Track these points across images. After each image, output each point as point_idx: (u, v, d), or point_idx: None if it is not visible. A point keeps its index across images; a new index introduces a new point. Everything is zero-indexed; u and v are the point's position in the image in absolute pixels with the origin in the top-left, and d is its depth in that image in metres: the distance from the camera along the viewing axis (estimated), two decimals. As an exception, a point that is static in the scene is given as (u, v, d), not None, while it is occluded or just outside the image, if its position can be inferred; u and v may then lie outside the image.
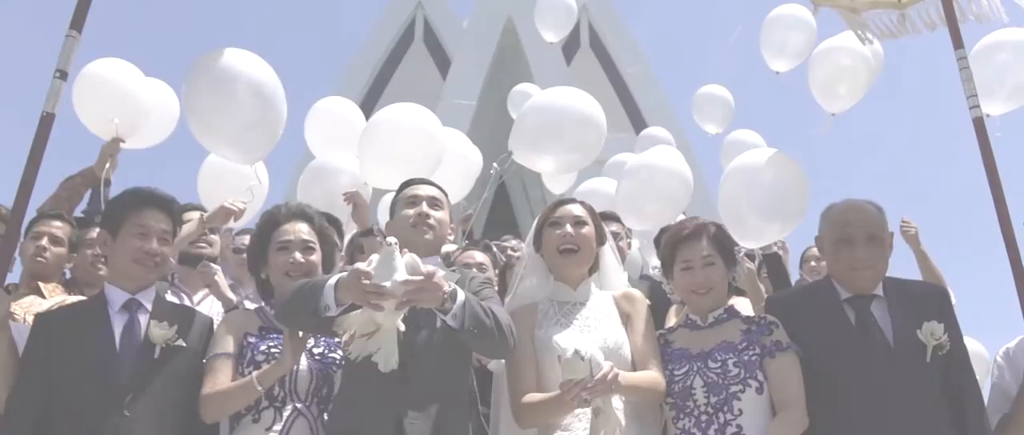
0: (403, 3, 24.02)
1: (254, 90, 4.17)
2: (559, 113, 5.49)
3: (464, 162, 5.84)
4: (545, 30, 9.95)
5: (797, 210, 4.39)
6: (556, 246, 3.08)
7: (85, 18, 3.27)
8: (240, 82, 4.13)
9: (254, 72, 4.20)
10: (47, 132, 3.09)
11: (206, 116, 4.17)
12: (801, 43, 6.62)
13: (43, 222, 3.91)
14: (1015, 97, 5.23)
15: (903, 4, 4.17)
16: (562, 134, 5.44)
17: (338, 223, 4.45)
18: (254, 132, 4.24)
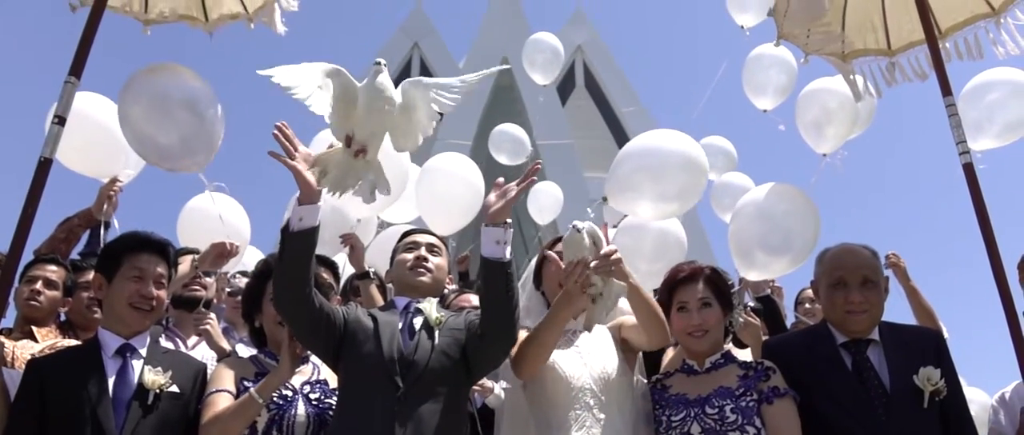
0: (399, 43, 24.26)
1: (186, 103, 4.04)
2: (660, 157, 4.96)
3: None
4: (534, 73, 10.06)
5: (808, 245, 4.42)
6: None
7: (84, 65, 3.30)
8: (172, 95, 4.02)
9: (187, 85, 4.09)
10: (44, 177, 3.10)
11: (139, 128, 4.07)
12: (783, 81, 6.71)
13: (38, 266, 3.91)
14: (1004, 135, 5.29)
15: (893, 51, 4.24)
16: (662, 178, 4.90)
17: (334, 265, 4.45)
18: (187, 144, 4.10)
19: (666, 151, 4.91)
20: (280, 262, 2.67)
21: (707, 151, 8.75)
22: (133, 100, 3.99)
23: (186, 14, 4.11)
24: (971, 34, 4.05)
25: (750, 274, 4.68)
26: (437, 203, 6.00)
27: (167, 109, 3.94)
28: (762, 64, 6.81)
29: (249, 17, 4.08)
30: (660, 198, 4.89)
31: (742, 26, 6.90)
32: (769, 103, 6.83)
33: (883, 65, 4.27)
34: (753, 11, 6.84)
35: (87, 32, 3.46)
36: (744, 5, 6.88)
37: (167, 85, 3.97)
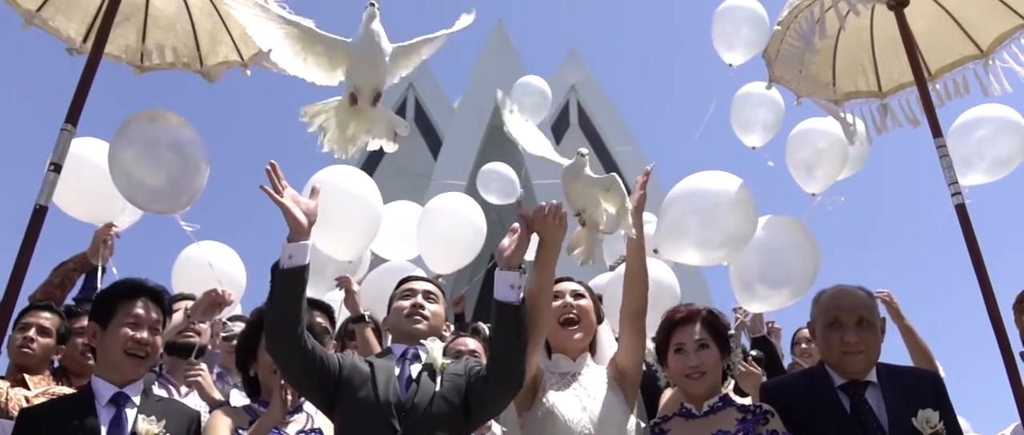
0: (395, 84, 24.41)
1: (173, 146, 4.04)
2: (708, 198, 4.55)
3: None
4: (521, 113, 10.11)
5: (808, 277, 4.42)
6: (557, 317, 3.09)
7: (80, 112, 3.32)
8: (160, 139, 4.03)
9: (175, 129, 4.10)
10: (39, 225, 3.10)
11: (127, 170, 4.06)
12: (771, 119, 6.77)
13: (31, 313, 3.89)
14: (994, 171, 5.32)
15: (883, 93, 4.28)
16: (713, 223, 4.54)
17: (329, 309, 4.44)
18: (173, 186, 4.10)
19: (714, 192, 4.58)
20: (270, 302, 2.65)
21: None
22: (119, 143, 4.01)
23: (182, 61, 4.14)
24: (960, 75, 4.11)
25: (751, 306, 4.69)
26: (438, 243, 6.01)
27: (153, 151, 3.95)
28: (750, 102, 6.87)
29: (244, 63, 4.10)
30: (708, 244, 4.61)
31: (729, 64, 6.97)
32: (757, 140, 6.89)
33: (874, 107, 4.31)
34: (740, 49, 6.92)
35: (84, 80, 3.49)
36: (730, 44, 6.95)
37: (150, 129, 3.99)
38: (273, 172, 2.67)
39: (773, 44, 3.97)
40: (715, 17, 7.06)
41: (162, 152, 3.94)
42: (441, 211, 6.15)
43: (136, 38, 4.07)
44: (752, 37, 6.90)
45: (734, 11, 7.00)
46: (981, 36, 4.04)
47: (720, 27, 7.02)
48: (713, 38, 7.05)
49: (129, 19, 4.00)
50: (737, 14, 6.99)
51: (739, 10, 6.99)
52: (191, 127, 4.08)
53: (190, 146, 4.02)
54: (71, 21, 3.93)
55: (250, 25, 3.39)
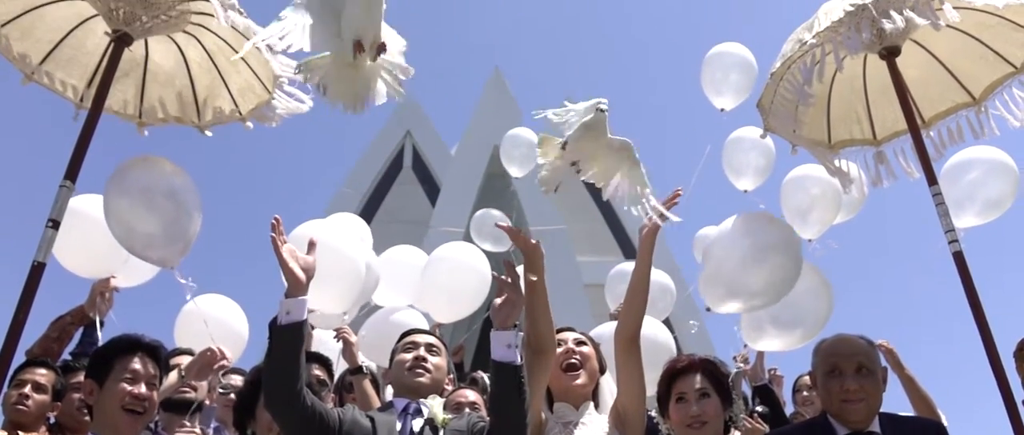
0: (392, 131, 24.48)
1: (168, 194, 4.02)
2: (749, 240, 4.29)
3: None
4: (511, 167, 10.20)
5: (820, 320, 4.40)
6: (559, 363, 3.09)
7: (79, 168, 3.33)
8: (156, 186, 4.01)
9: (169, 177, 4.08)
10: (37, 281, 3.09)
11: (123, 219, 4.03)
12: (763, 163, 6.83)
13: (27, 370, 3.87)
14: (986, 213, 5.34)
15: (878, 141, 4.30)
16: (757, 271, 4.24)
17: (327, 362, 4.42)
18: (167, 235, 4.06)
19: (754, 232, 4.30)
20: (269, 359, 2.65)
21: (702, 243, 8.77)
22: (114, 189, 4.01)
23: (181, 115, 4.16)
24: (954, 123, 4.14)
25: (758, 345, 4.67)
26: (442, 291, 6.02)
27: (149, 199, 3.94)
28: (741, 147, 6.93)
29: (243, 117, 4.13)
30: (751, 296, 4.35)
31: (721, 109, 7.04)
32: (749, 184, 6.95)
33: (870, 155, 4.33)
34: (730, 95, 7.00)
35: (83, 136, 3.50)
36: (719, 89, 7.04)
37: (147, 176, 3.98)
38: (276, 227, 2.69)
39: (767, 95, 4.01)
40: (704, 63, 7.15)
41: (157, 199, 3.93)
42: (445, 259, 6.16)
43: (135, 93, 4.10)
44: (741, 83, 7.00)
45: (722, 57, 7.10)
46: (973, 84, 4.07)
47: (709, 73, 7.11)
48: (702, 84, 7.13)
49: (128, 74, 4.03)
50: (725, 60, 7.08)
51: (727, 56, 7.09)
52: (185, 173, 4.09)
53: (183, 193, 4.02)
54: (70, 77, 3.96)
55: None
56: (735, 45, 7.17)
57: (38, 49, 3.85)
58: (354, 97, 3.13)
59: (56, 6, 3.77)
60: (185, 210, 4.00)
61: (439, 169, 23.36)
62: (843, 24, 3.58)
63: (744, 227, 4.29)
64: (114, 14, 3.59)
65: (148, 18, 3.62)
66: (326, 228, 5.04)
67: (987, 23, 3.83)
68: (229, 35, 3.85)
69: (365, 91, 3.21)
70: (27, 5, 3.71)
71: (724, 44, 7.19)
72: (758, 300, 4.28)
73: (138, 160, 4.04)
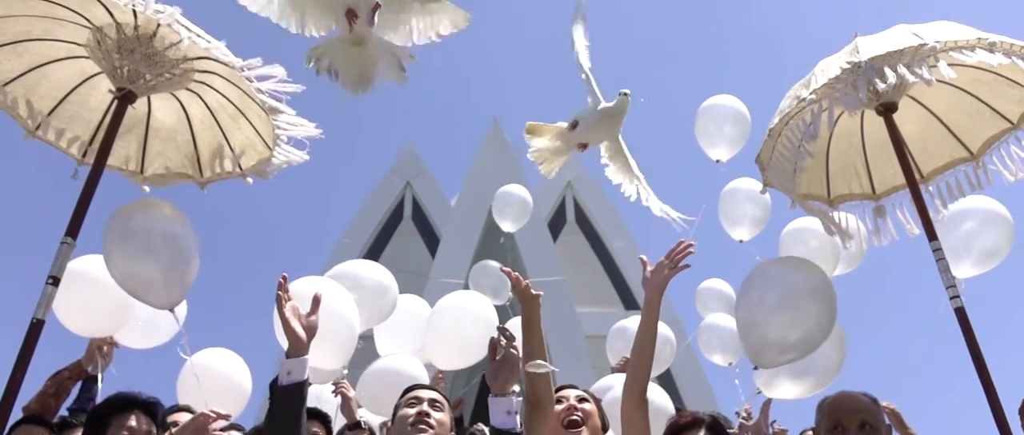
0: (392, 182, 24.60)
1: (168, 238, 3.97)
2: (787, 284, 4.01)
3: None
4: (503, 222, 10.26)
5: (833, 368, 4.36)
6: (561, 420, 3.08)
7: (81, 225, 3.33)
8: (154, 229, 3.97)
9: (169, 222, 4.03)
10: (35, 339, 3.08)
11: (122, 263, 3.98)
12: (759, 214, 6.88)
13: (21, 429, 3.83)
14: (982, 263, 5.34)
15: (878, 196, 4.32)
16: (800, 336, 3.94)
17: (326, 418, 4.39)
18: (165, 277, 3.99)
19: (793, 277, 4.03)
20: (270, 419, 2.63)
21: (706, 295, 8.78)
22: (114, 234, 3.97)
23: (181, 172, 4.18)
24: (953, 178, 4.16)
25: (771, 392, 4.64)
26: (447, 339, 5.99)
27: (148, 243, 3.91)
28: (737, 198, 7.00)
29: (243, 174, 4.15)
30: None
31: (717, 160, 7.10)
32: (746, 234, 6.99)
33: (869, 209, 4.35)
34: (724, 146, 7.05)
35: (85, 192, 3.51)
36: (713, 141, 7.10)
37: (146, 220, 3.95)
38: (282, 285, 2.71)
39: (765, 151, 4.03)
40: (698, 115, 7.23)
41: (156, 243, 3.91)
42: (451, 308, 6.14)
43: (137, 149, 4.12)
44: (735, 134, 7.07)
45: (715, 109, 7.17)
46: (971, 139, 4.10)
47: (703, 125, 7.18)
48: (696, 136, 7.19)
49: (131, 131, 4.05)
50: (718, 112, 7.16)
51: (720, 108, 7.16)
52: (184, 217, 4.07)
53: (183, 237, 4.00)
54: (74, 133, 3.98)
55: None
56: (728, 97, 7.25)
57: (42, 105, 3.87)
58: (358, 79, 3.13)
59: (61, 64, 3.81)
60: (184, 255, 3.99)
61: (439, 220, 23.42)
62: (840, 81, 3.61)
63: (771, 277, 4.07)
64: (118, 72, 3.62)
65: (152, 76, 3.65)
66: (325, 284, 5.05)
67: (982, 79, 3.87)
68: (231, 92, 3.89)
69: (369, 72, 3.21)
70: (33, 63, 3.75)
71: (717, 96, 7.27)
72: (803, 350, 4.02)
73: (138, 204, 4.05)
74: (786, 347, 3.91)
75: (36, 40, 3.68)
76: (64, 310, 4.52)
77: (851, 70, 3.55)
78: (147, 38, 3.59)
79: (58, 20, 3.57)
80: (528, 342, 3.01)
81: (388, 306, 5.84)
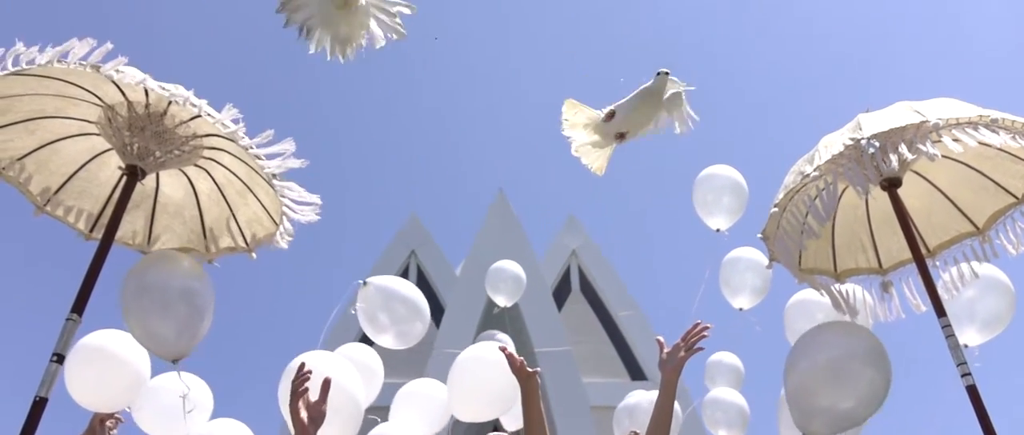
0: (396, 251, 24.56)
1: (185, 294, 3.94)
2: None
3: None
4: (497, 296, 10.25)
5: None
6: None
7: (87, 301, 3.32)
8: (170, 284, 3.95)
9: (187, 277, 4.01)
10: (38, 418, 3.05)
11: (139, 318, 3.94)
12: (759, 283, 6.85)
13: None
14: (987, 330, 5.29)
15: (884, 270, 4.31)
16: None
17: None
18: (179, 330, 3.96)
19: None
20: None
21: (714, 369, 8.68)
22: (133, 287, 3.95)
23: (189, 247, 4.20)
24: (959, 252, 4.16)
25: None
26: (470, 392, 5.90)
27: (166, 299, 3.88)
28: (737, 267, 6.99)
29: (250, 250, 4.16)
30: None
31: (717, 229, 7.11)
32: (746, 302, 6.97)
33: (876, 284, 4.34)
34: (722, 215, 7.06)
35: (93, 268, 3.51)
36: (711, 211, 7.11)
37: (165, 274, 3.94)
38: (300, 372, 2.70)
39: (770, 225, 4.03)
40: (695, 185, 7.26)
41: (173, 299, 3.88)
42: (473, 360, 6.05)
43: (144, 224, 4.15)
44: (733, 204, 7.09)
45: (713, 179, 7.20)
46: (976, 214, 4.11)
47: (701, 195, 7.21)
48: (694, 205, 7.21)
49: (139, 206, 4.08)
50: (716, 183, 7.19)
51: (717, 178, 7.19)
52: (203, 272, 4.08)
53: (200, 293, 3.98)
54: (82, 208, 4.02)
55: None
56: (724, 167, 7.29)
57: (52, 181, 3.92)
58: (343, 41, 3.04)
59: (72, 140, 3.86)
60: (199, 311, 3.97)
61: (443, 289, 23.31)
62: (843, 157, 3.64)
63: (823, 342, 3.89)
64: (128, 149, 3.66)
65: (161, 153, 3.69)
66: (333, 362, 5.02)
67: (986, 154, 3.89)
68: (239, 168, 3.93)
69: (356, 35, 3.12)
70: (44, 140, 3.80)
71: (713, 166, 7.31)
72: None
73: (157, 256, 4.07)
74: (838, 416, 3.73)
75: (48, 117, 3.73)
76: (76, 385, 4.51)
77: (854, 146, 3.58)
78: (157, 116, 3.64)
79: (70, 98, 3.62)
80: (528, 421, 2.97)
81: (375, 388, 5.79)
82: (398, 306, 5.66)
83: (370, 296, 5.55)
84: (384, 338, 5.75)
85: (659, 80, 3.08)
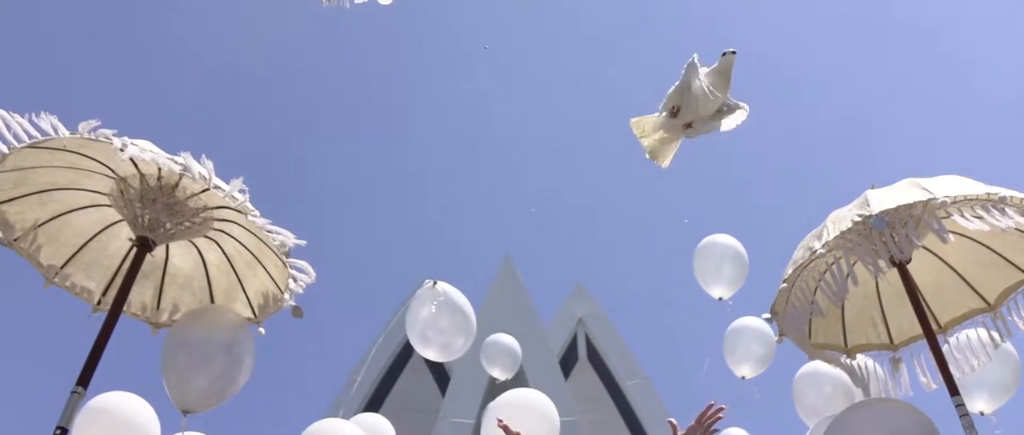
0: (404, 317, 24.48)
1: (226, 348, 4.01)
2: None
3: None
4: (492, 369, 10.19)
5: None
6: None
7: (93, 373, 3.30)
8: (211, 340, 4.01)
9: (230, 330, 4.07)
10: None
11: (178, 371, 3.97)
12: (763, 352, 6.80)
13: None
14: (996, 397, 5.22)
15: (896, 346, 4.27)
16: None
17: None
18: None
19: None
20: None
21: (724, 442, 8.54)
22: (175, 341, 4.00)
23: None
24: (972, 330, 4.13)
25: None
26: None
27: (207, 354, 3.93)
28: (742, 337, 6.94)
29: (258, 321, 4.14)
30: None
31: (719, 298, 7.08)
32: (749, 372, 6.91)
33: (886, 360, 4.29)
34: (723, 285, 7.04)
35: (100, 339, 3.50)
36: (712, 280, 7.08)
37: (208, 330, 3.99)
38: None
39: (779, 301, 4.01)
40: (695, 255, 7.24)
41: (214, 353, 3.93)
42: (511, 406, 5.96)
43: (153, 296, 4.15)
44: (734, 273, 7.06)
45: (713, 248, 7.18)
46: (986, 290, 4.09)
47: (701, 265, 7.18)
48: (695, 275, 7.19)
49: (148, 277, 4.08)
50: (716, 251, 7.17)
51: (717, 247, 7.17)
52: (247, 327, 4.09)
53: (241, 348, 4.02)
54: (91, 280, 4.03)
55: None
56: (724, 236, 7.28)
57: (62, 253, 3.93)
58: None
59: (83, 212, 3.89)
60: (239, 367, 4.01)
61: (449, 357, 23.17)
62: (852, 233, 3.63)
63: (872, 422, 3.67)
64: (139, 220, 3.68)
65: (172, 225, 3.71)
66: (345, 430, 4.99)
67: (995, 231, 3.88)
68: (249, 239, 3.94)
69: None
70: (56, 211, 3.83)
71: (713, 236, 7.30)
72: None
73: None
74: None
75: (61, 189, 3.77)
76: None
77: (863, 222, 3.58)
78: (169, 188, 3.67)
79: (84, 170, 3.66)
80: None
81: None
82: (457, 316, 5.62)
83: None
84: (430, 350, 5.78)
85: (725, 60, 3.09)
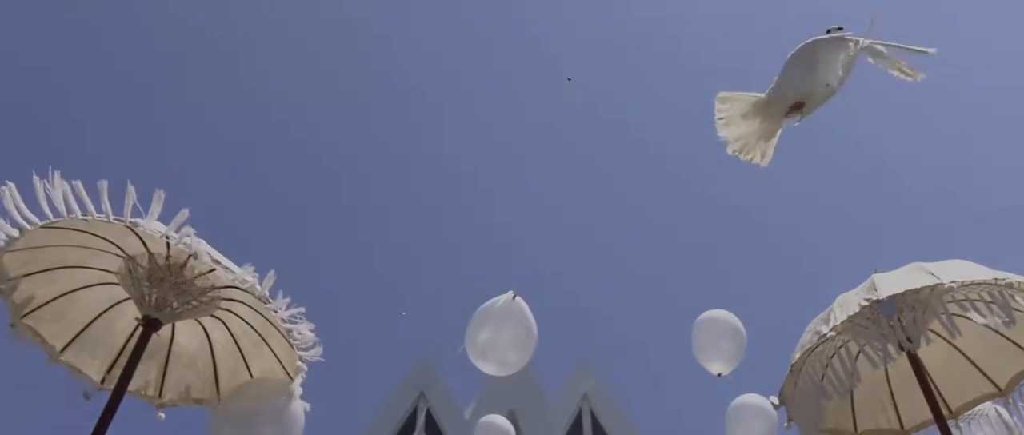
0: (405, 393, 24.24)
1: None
2: None
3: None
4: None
5: None
6: None
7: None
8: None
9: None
10: None
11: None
12: (763, 429, 6.71)
13: None
14: None
15: (906, 431, 4.22)
16: None
17: None
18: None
19: None
20: None
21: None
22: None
23: (199, 397, 4.16)
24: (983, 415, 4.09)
25: None
26: None
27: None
28: (743, 415, 6.85)
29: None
30: None
31: (717, 374, 7.01)
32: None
33: (899, 445, 4.24)
34: (721, 360, 6.98)
35: (103, 419, 3.48)
36: (711, 356, 7.02)
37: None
38: None
39: (787, 386, 3.98)
40: (693, 330, 7.18)
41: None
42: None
43: (157, 375, 4.12)
44: (732, 349, 7.00)
45: (711, 324, 7.13)
46: (997, 375, 4.07)
47: (699, 339, 7.13)
48: (693, 351, 7.13)
49: (153, 356, 4.06)
50: (713, 327, 7.11)
51: (715, 323, 7.12)
52: (293, 394, 4.04)
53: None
54: (95, 359, 4.00)
55: None
56: (722, 312, 7.23)
57: (67, 331, 3.92)
58: None
59: (91, 290, 3.89)
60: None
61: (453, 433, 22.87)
62: (860, 317, 3.62)
63: None
64: (146, 299, 3.68)
65: (179, 304, 3.71)
66: None
67: (1005, 322, 3.87)
68: (255, 319, 3.93)
69: None
70: (64, 289, 3.83)
71: (711, 311, 7.25)
72: None
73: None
74: None
75: (70, 267, 3.78)
76: None
77: (871, 307, 3.57)
78: (177, 267, 3.69)
79: (93, 249, 3.68)
80: None
81: None
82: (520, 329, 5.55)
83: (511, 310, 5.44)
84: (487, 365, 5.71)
85: (836, 35, 3.03)
